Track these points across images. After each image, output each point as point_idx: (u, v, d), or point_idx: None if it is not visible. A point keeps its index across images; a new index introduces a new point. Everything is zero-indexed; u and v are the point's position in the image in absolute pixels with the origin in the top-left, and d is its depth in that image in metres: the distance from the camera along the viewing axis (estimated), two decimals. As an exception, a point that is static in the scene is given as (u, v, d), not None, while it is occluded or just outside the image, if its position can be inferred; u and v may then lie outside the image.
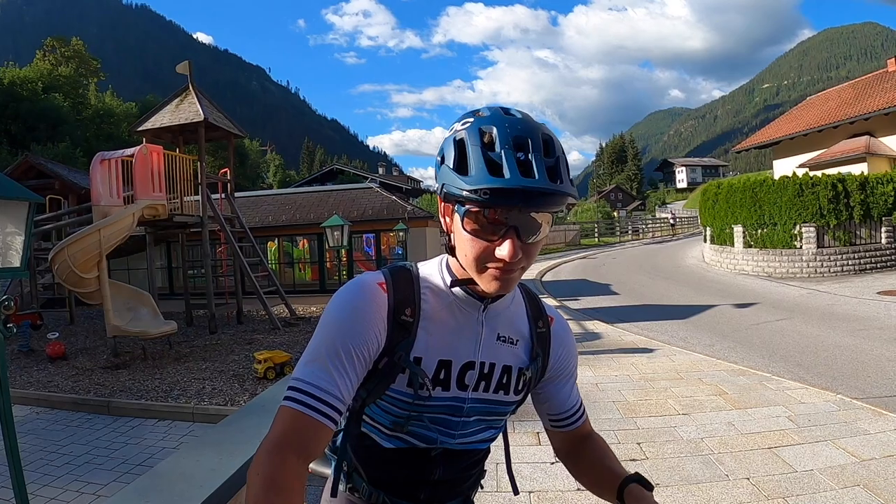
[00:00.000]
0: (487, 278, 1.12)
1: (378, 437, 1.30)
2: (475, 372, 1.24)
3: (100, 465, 6.35)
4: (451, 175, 1.07)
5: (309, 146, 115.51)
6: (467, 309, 1.24)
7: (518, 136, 1.05)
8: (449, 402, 1.24)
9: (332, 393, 1.10)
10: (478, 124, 1.09)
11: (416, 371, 1.18)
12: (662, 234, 47.70)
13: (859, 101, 23.66)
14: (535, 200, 1.03)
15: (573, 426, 1.44)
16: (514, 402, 1.33)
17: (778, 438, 4.94)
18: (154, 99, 54.51)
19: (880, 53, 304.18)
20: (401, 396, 1.22)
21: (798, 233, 16.93)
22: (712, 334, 9.96)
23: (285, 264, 19.05)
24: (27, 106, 40.92)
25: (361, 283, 1.22)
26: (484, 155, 1.04)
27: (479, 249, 1.09)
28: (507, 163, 1.02)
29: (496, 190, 1.01)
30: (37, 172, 20.78)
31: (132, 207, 11.30)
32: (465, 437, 1.30)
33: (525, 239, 1.07)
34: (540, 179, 1.01)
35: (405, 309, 1.20)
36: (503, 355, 1.28)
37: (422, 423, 1.25)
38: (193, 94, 14.06)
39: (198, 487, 2.84)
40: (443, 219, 1.20)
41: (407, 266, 1.30)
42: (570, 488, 4.13)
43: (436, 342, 1.21)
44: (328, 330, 1.17)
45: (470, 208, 1.07)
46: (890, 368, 7.14)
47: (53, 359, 10.91)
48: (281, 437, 1.07)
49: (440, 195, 1.14)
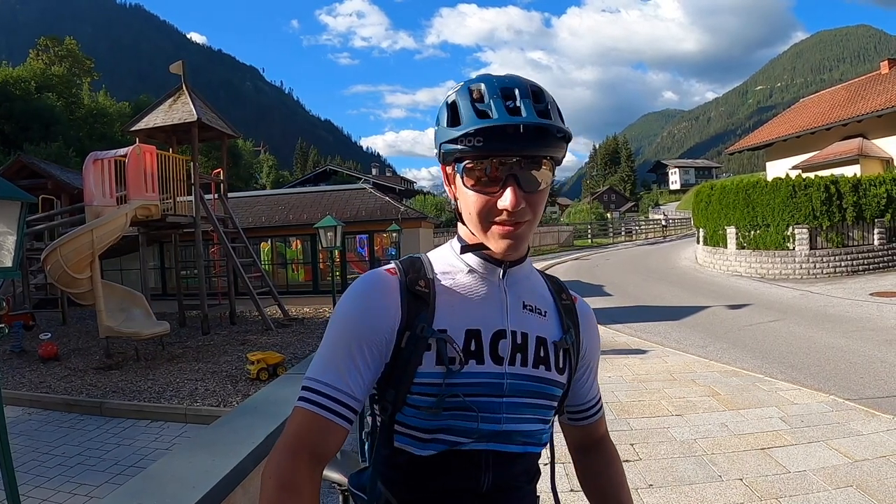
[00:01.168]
0: (495, 236, 1.11)
1: (414, 447, 1.15)
2: (507, 342, 1.17)
3: (92, 466, 6.32)
4: (444, 131, 1.09)
5: (302, 147, 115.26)
6: (486, 276, 1.20)
7: (506, 86, 1.07)
8: (486, 380, 1.15)
9: (346, 392, 1.08)
10: (467, 84, 1.11)
11: (442, 339, 1.12)
12: (655, 236, 47.82)
13: (852, 104, 23.76)
14: (530, 142, 1.03)
15: (590, 420, 1.40)
16: (559, 382, 1.23)
17: (771, 439, 4.95)
18: (147, 99, 54.31)
19: (873, 56, 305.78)
20: (432, 380, 1.12)
21: (791, 234, 16.98)
22: (705, 335, 9.99)
23: (278, 265, 19.02)
24: (20, 105, 40.68)
25: (370, 274, 1.20)
26: (473, 105, 1.06)
27: (482, 203, 1.08)
28: (494, 107, 1.03)
29: (487, 132, 1.02)
30: (29, 172, 20.71)
31: (125, 208, 11.27)
32: (511, 422, 1.17)
33: (526, 188, 1.07)
34: (528, 116, 1.02)
35: (419, 281, 1.17)
36: (533, 325, 1.21)
37: (459, 402, 1.12)
38: (187, 94, 14.03)
39: (190, 489, 2.83)
40: (448, 188, 1.19)
41: (416, 256, 1.27)
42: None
43: (459, 311, 1.16)
44: (339, 326, 1.14)
45: (467, 164, 1.07)
46: (882, 369, 7.17)
47: (46, 359, 10.85)
48: (294, 438, 1.07)
49: (440, 160, 1.15)
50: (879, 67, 26.19)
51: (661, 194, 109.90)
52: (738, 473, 4.30)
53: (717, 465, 4.46)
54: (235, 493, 3.08)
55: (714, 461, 4.55)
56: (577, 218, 58.36)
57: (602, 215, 64.03)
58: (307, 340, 11.92)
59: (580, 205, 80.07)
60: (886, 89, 22.59)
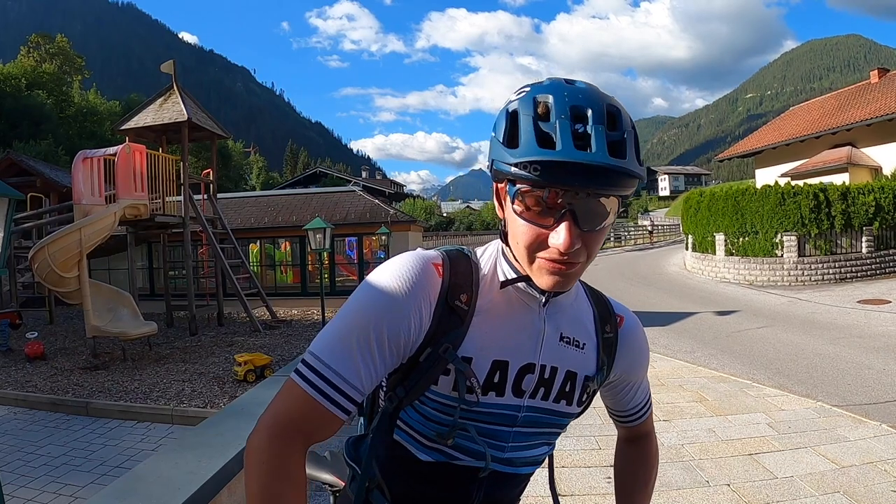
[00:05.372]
0: (541, 272, 0.98)
1: (414, 447, 1.12)
2: (534, 376, 1.08)
3: (78, 466, 6.28)
4: (500, 149, 0.95)
5: (293, 148, 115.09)
6: (527, 302, 1.09)
7: (577, 105, 0.92)
8: (501, 411, 1.08)
9: (353, 383, 0.98)
10: (533, 93, 0.96)
11: (461, 369, 1.02)
12: (644, 242, 47.94)
13: (842, 112, 23.95)
14: (594, 179, 0.89)
15: (634, 423, 1.39)
16: (575, 413, 1.18)
17: (758, 445, 4.96)
18: (138, 98, 54.15)
19: (863, 65, 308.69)
20: (445, 401, 1.04)
21: (779, 241, 17.04)
22: (693, 341, 10.00)
23: (267, 266, 19.00)
24: (10, 103, 40.39)
25: (415, 257, 1.07)
26: (535, 126, 0.91)
27: (532, 236, 0.95)
28: (560, 134, 0.89)
29: (546, 164, 0.89)
30: (18, 170, 20.64)
31: (114, 207, 11.21)
32: (517, 450, 1.14)
33: (584, 226, 0.94)
34: (597, 153, 0.88)
35: (460, 294, 1.05)
36: (567, 359, 1.12)
37: (468, 434, 1.07)
38: (178, 94, 13.97)
39: (176, 490, 2.82)
40: (496, 204, 1.06)
41: (466, 252, 1.14)
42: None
43: (490, 340, 1.05)
44: (365, 307, 1.02)
45: (521, 188, 0.94)
46: (870, 376, 7.20)
47: (32, 359, 10.77)
48: (288, 419, 0.97)
49: (491, 176, 1.03)
50: (869, 77, 26.42)
51: (651, 200, 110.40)
52: (726, 479, 4.30)
53: (705, 471, 4.46)
54: (221, 495, 3.06)
55: (701, 467, 4.55)
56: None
57: (591, 221, 64.09)
58: (295, 342, 11.87)
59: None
60: (876, 98, 22.78)
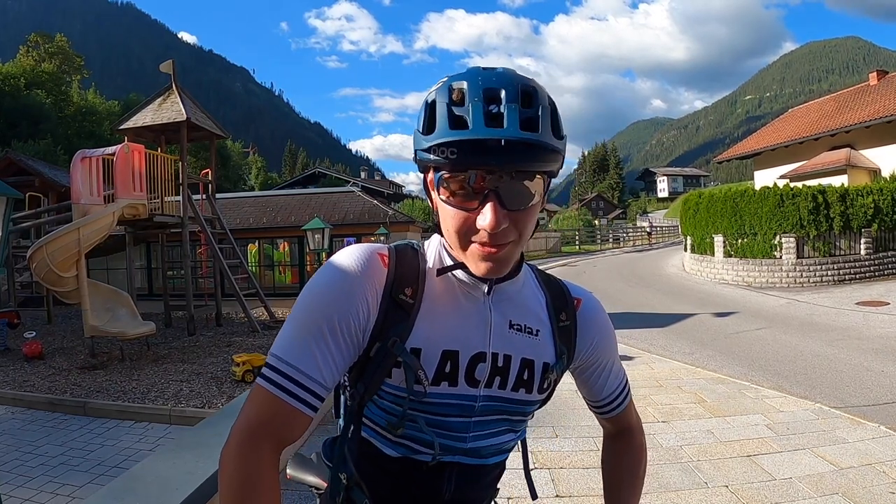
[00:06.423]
0: (474, 258, 0.99)
1: (380, 442, 1.13)
2: (486, 365, 1.08)
3: (75, 466, 6.26)
4: (419, 138, 0.97)
5: (291, 149, 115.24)
6: (471, 292, 1.09)
7: (490, 87, 0.93)
8: (456, 401, 1.08)
9: (313, 377, 0.98)
10: (449, 82, 0.97)
11: (409, 362, 1.02)
12: (643, 243, 48.03)
13: (841, 114, 23.98)
14: (509, 156, 0.90)
15: (611, 413, 1.34)
16: (538, 401, 1.17)
17: (757, 446, 4.97)
18: (137, 97, 54.16)
19: (862, 67, 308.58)
20: (399, 392, 1.05)
21: (778, 243, 17.05)
22: (692, 342, 10.00)
23: (265, 267, 18.98)
24: (9, 102, 40.41)
25: (359, 249, 1.08)
26: (448, 111, 0.93)
27: (460, 220, 0.96)
28: (472, 115, 0.90)
29: (460, 145, 0.90)
30: (17, 169, 20.63)
31: (112, 206, 11.19)
32: (479, 440, 1.13)
33: (510, 206, 0.94)
34: (509, 128, 0.89)
35: (405, 288, 1.06)
36: (520, 346, 1.11)
37: (416, 425, 1.08)
38: (177, 94, 13.95)
39: (173, 490, 2.81)
40: (428, 196, 1.07)
41: (415, 245, 1.15)
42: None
43: (439, 331, 1.06)
44: (314, 300, 1.03)
45: (444, 174, 0.95)
46: (868, 378, 7.20)
47: (30, 358, 10.74)
48: (255, 423, 0.98)
49: (417, 167, 1.04)
50: (868, 79, 26.51)
51: (650, 202, 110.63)
52: (724, 480, 4.30)
53: (703, 472, 4.46)
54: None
55: (700, 468, 4.55)
56: (566, 224, 58.45)
57: (590, 222, 64.27)
58: (294, 343, 11.78)
59: (568, 211, 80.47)
60: (875, 100, 22.82)
